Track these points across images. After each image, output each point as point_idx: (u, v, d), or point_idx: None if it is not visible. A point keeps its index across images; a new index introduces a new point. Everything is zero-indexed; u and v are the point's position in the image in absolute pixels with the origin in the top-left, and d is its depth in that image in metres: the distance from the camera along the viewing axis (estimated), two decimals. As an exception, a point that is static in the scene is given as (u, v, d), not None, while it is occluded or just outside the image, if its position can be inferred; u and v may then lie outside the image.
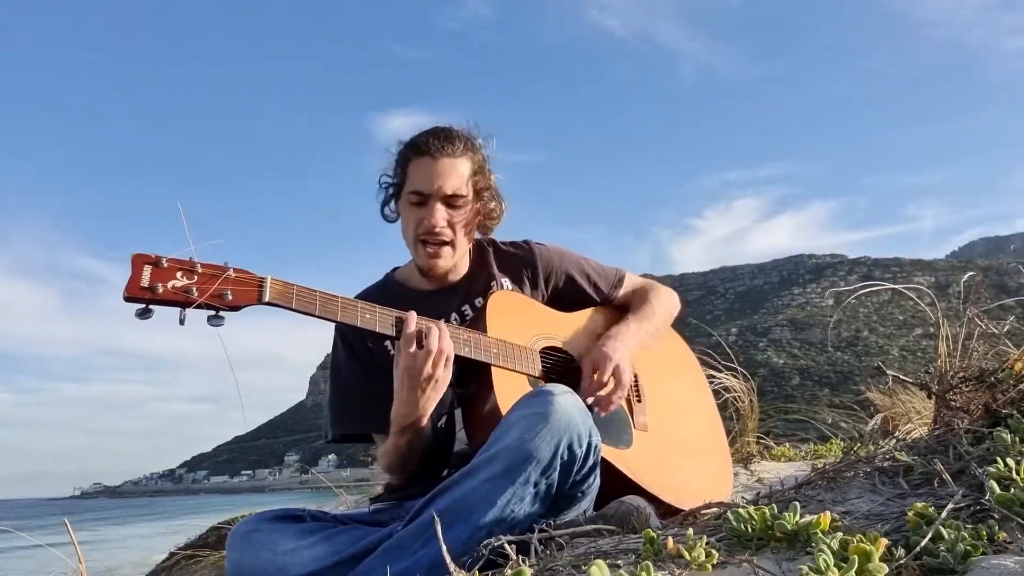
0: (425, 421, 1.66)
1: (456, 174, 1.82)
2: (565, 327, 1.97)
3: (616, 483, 1.71)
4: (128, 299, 1.36)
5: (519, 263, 2.04)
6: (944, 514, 1.06)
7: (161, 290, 1.37)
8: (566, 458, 1.46)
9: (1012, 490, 1.09)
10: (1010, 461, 1.17)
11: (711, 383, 3.41)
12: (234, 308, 1.44)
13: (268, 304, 1.47)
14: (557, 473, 1.46)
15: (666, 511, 1.75)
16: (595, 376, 1.81)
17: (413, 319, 1.60)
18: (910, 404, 3.27)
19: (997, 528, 1.02)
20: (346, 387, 1.91)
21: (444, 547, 1.18)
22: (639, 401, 1.99)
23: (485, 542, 1.32)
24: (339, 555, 1.49)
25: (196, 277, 1.41)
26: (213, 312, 1.42)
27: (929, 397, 1.95)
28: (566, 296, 2.06)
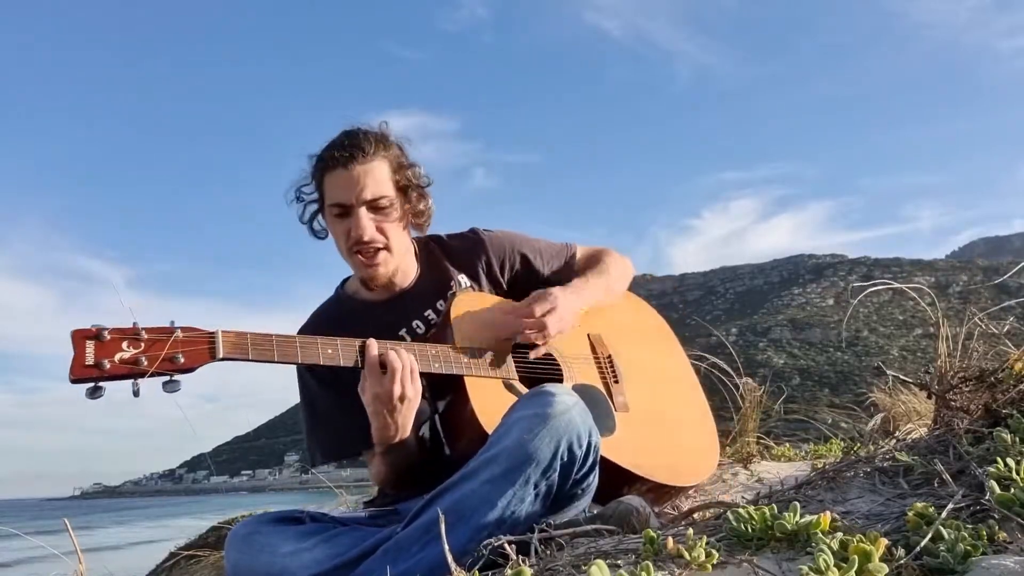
0: (409, 438, 1.66)
1: (373, 178, 1.75)
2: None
3: (607, 472, 1.69)
4: (75, 381, 1.30)
5: (471, 255, 1.98)
6: (944, 514, 1.06)
7: (108, 366, 1.30)
8: (566, 459, 1.46)
9: (1012, 490, 1.09)
10: (1010, 461, 1.17)
11: (718, 382, 3.40)
12: (188, 370, 1.37)
13: (224, 359, 1.41)
14: (557, 474, 1.46)
15: (657, 490, 1.74)
16: (531, 307, 1.77)
17: (374, 346, 1.57)
18: (911, 404, 3.26)
19: (997, 528, 1.02)
20: (325, 417, 1.87)
21: (447, 549, 1.18)
22: (616, 382, 1.96)
23: (485, 542, 1.32)
24: (339, 558, 1.49)
25: (143, 345, 1.35)
26: (167, 378, 1.36)
27: (929, 397, 1.94)
28: (524, 279, 2.01)
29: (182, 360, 1.36)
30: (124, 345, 1.33)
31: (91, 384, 1.31)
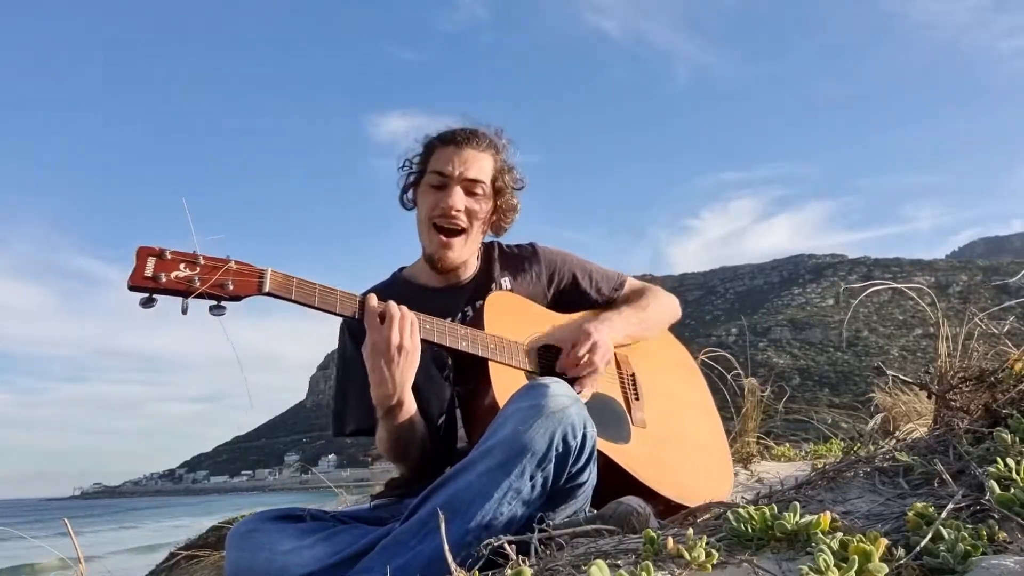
0: (406, 401, 1.65)
1: (479, 164, 1.89)
2: (562, 327, 1.98)
3: (615, 479, 1.71)
4: (132, 288, 1.41)
5: (522, 263, 2.07)
6: (944, 514, 1.06)
7: (164, 280, 1.41)
8: (561, 450, 1.46)
9: (1012, 490, 1.09)
10: (1010, 461, 1.17)
11: (720, 381, 3.41)
12: (235, 298, 1.48)
13: (268, 295, 1.51)
14: (552, 465, 1.46)
15: (665, 507, 1.75)
16: (572, 350, 1.83)
17: (373, 298, 1.61)
18: (911, 404, 3.27)
19: (997, 528, 1.02)
20: (355, 383, 1.89)
21: (446, 543, 1.18)
22: (637, 399, 1.99)
23: (485, 542, 1.31)
24: (339, 555, 1.49)
25: (198, 268, 1.46)
26: (215, 302, 1.46)
27: (929, 397, 1.95)
28: (569, 297, 2.08)
29: (231, 287, 1.47)
30: (181, 266, 1.45)
31: (146, 294, 1.41)
